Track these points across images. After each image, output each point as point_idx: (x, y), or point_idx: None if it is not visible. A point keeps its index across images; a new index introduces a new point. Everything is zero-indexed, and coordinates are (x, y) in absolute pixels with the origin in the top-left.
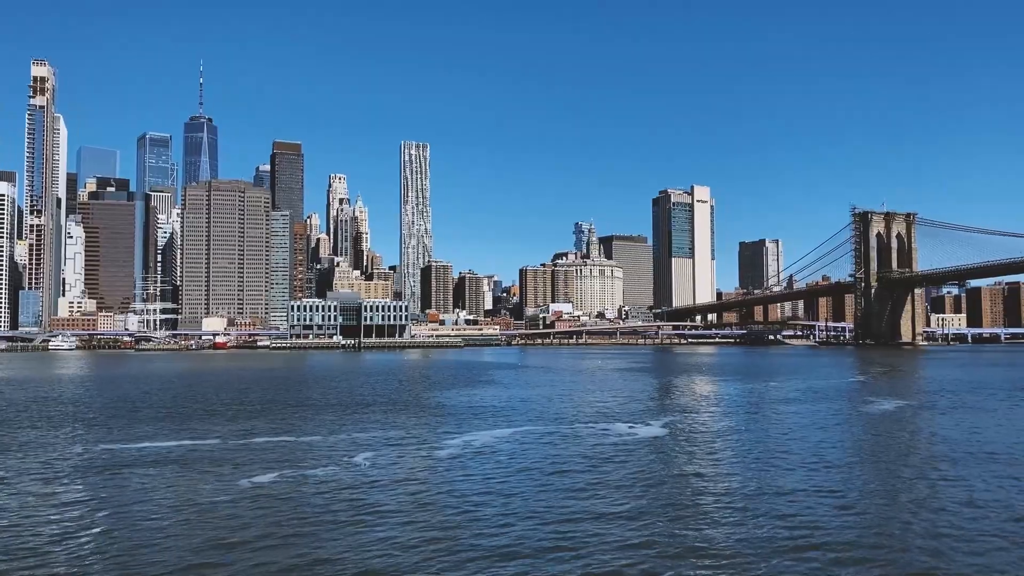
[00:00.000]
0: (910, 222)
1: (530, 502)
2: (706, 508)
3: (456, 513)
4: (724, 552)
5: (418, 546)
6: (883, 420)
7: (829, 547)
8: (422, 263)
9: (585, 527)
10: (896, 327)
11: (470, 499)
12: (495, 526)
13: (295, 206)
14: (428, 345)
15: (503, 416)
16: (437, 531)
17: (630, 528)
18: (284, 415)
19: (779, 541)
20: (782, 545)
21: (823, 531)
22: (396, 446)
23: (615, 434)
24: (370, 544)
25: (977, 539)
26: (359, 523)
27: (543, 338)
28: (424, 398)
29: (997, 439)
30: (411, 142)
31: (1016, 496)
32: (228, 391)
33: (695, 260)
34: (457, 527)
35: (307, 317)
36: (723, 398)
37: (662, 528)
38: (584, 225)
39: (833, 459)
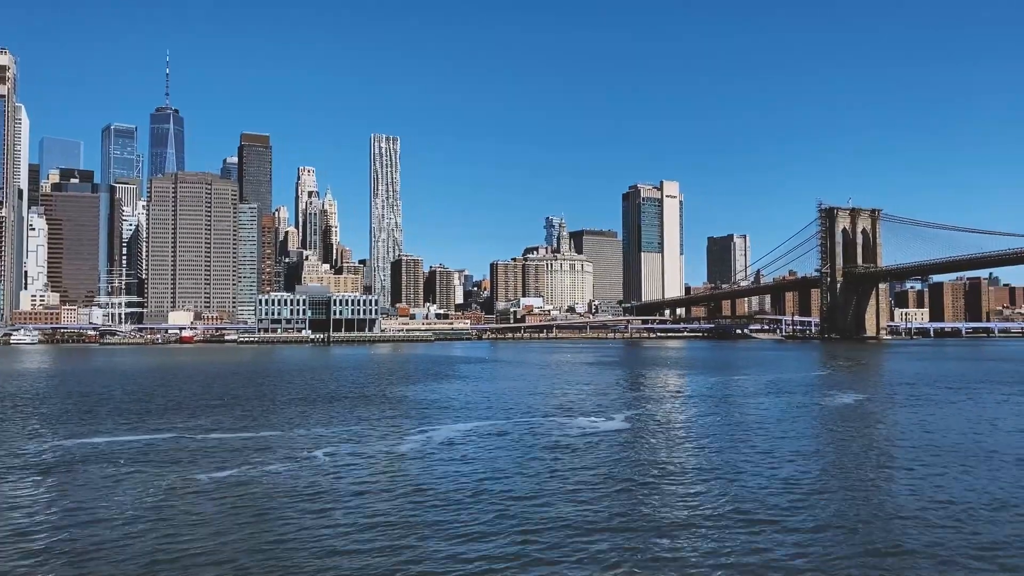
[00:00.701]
0: (875, 218)
1: (488, 496)
2: (663, 501)
3: (413, 508)
4: (681, 546)
5: (373, 540)
6: (843, 413)
7: (785, 538)
8: (392, 257)
9: (543, 522)
10: (861, 321)
11: (427, 493)
12: (452, 522)
13: (263, 199)
14: (398, 339)
15: (466, 411)
16: (393, 526)
17: (590, 523)
18: (246, 410)
19: (735, 532)
20: (739, 537)
21: (780, 522)
22: (357, 441)
23: (577, 428)
24: (325, 540)
25: (929, 529)
26: (315, 519)
27: (514, 332)
28: (389, 393)
29: (952, 432)
30: (381, 135)
31: (963, 486)
32: (192, 385)
33: (664, 255)
34: (414, 522)
35: (275, 311)
36: (687, 391)
37: (619, 522)
38: (555, 220)
39: (792, 452)
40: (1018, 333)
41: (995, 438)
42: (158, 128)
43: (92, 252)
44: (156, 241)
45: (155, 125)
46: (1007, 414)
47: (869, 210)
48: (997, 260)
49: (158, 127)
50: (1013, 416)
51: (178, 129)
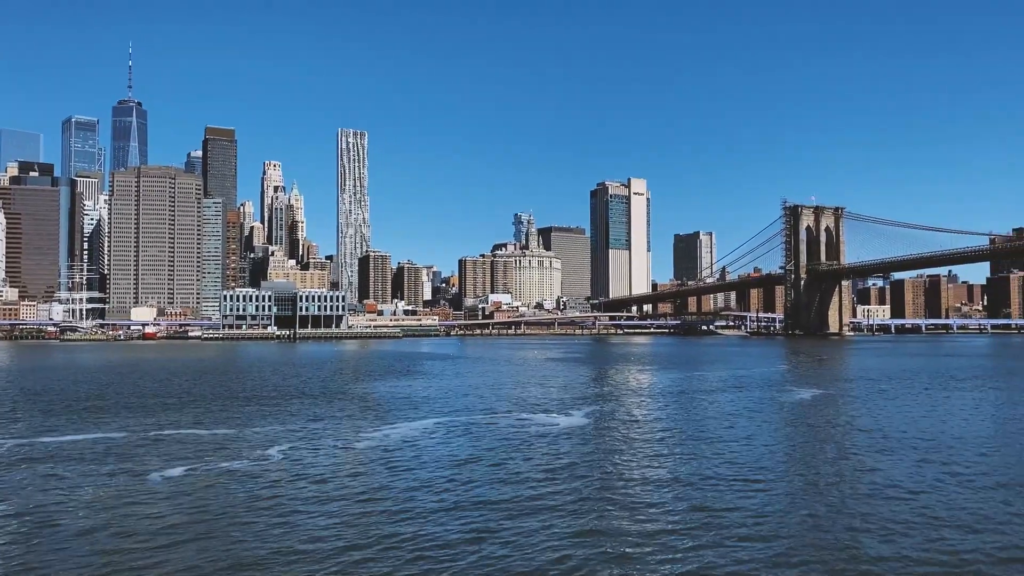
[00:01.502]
0: (838, 216)
1: (439, 493)
2: (615, 497)
3: (364, 505)
4: (634, 541)
5: (325, 539)
6: (802, 408)
7: (740, 531)
8: (360, 253)
9: (498, 518)
10: (824, 318)
11: (379, 490)
12: (404, 518)
13: (228, 193)
14: (366, 336)
15: (426, 408)
16: (343, 524)
17: (542, 517)
18: (204, 407)
19: (689, 526)
20: (689, 531)
21: (733, 516)
22: (314, 438)
23: (536, 424)
24: (276, 538)
25: (885, 522)
26: (266, 517)
27: (482, 328)
28: (352, 389)
29: (905, 425)
30: (348, 130)
31: (916, 479)
32: (150, 383)
33: (631, 252)
34: (363, 519)
35: (240, 307)
36: (649, 387)
37: (570, 517)
38: (523, 216)
39: (749, 445)
40: (975, 329)
41: (944, 431)
42: (120, 121)
43: (52, 247)
44: (118, 236)
45: (117, 118)
46: (957, 408)
47: (832, 208)
48: (956, 258)
49: (120, 120)
50: (963, 410)
51: (141, 122)
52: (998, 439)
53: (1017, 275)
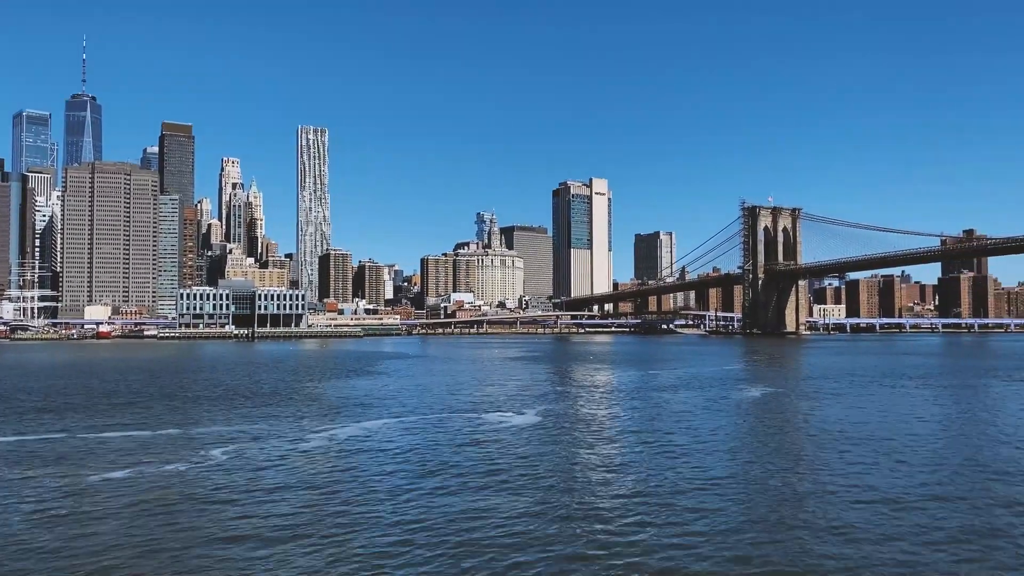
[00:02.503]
0: (795, 217)
1: (385, 494)
2: (566, 497)
3: (304, 507)
4: (580, 540)
5: (261, 541)
6: (756, 405)
7: (687, 527)
8: (320, 251)
9: (445, 520)
10: (781, 317)
11: (320, 491)
12: (345, 521)
13: (185, 190)
14: (326, 335)
15: (380, 407)
16: (281, 526)
17: (491, 518)
18: (151, 407)
19: (638, 526)
20: (642, 530)
21: (686, 515)
22: (260, 439)
23: (490, 423)
24: (213, 542)
25: (833, 518)
26: (204, 519)
27: (444, 327)
28: (305, 389)
29: (858, 423)
30: (309, 127)
31: (865, 475)
32: (101, 382)
33: (593, 251)
34: (305, 521)
35: (197, 306)
36: (606, 385)
37: (514, 516)
38: (486, 215)
39: (701, 442)
40: (927, 329)
41: (893, 427)
42: (74, 116)
43: (2, 244)
44: (72, 233)
45: (71, 112)
46: (907, 405)
47: (790, 209)
48: (909, 259)
49: (74, 114)
50: (910, 407)
51: (95, 117)
52: (947, 435)
53: (967, 275)
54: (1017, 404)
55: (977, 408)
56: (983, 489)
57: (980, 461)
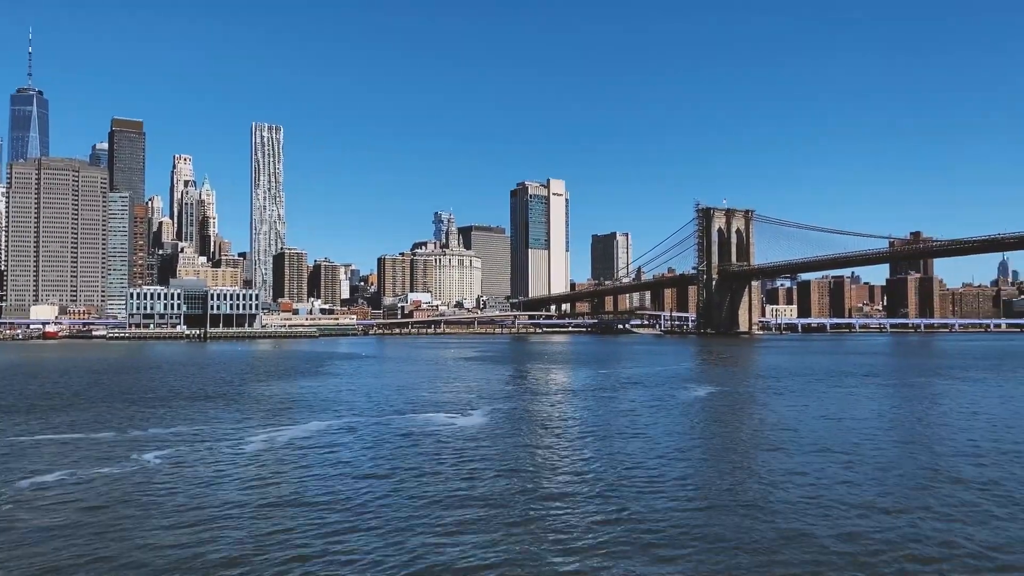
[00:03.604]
0: (748, 218)
1: (322, 497)
2: (514, 497)
3: (235, 511)
4: (534, 539)
5: (189, 545)
6: (707, 404)
7: (631, 527)
8: (275, 250)
9: (387, 524)
10: (735, 317)
11: (255, 497)
12: (278, 526)
13: (135, 187)
14: (281, 335)
15: (328, 408)
16: (211, 530)
17: (434, 521)
18: (91, 409)
19: (584, 527)
20: (588, 532)
21: (627, 512)
22: (198, 442)
23: (439, 423)
24: (142, 550)
25: (780, 516)
26: (133, 525)
27: (401, 328)
28: (252, 390)
29: (807, 421)
30: (263, 124)
31: (807, 473)
32: (40, 383)
33: (550, 251)
34: (237, 527)
35: (148, 305)
36: (558, 385)
37: (464, 522)
38: (444, 215)
39: (650, 443)
40: (876, 328)
41: (836, 425)
42: (19, 110)
43: None
44: (16, 230)
45: (16, 107)
46: (850, 403)
47: (743, 211)
48: (858, 260)
49: (19, 109)
50: (856, 405)
51: (42, 112)
52: (891, 433)
53: (914, 277)
54: (959, 402)
55: (921, 406)
56: (926, 486)
57: (923, 459)
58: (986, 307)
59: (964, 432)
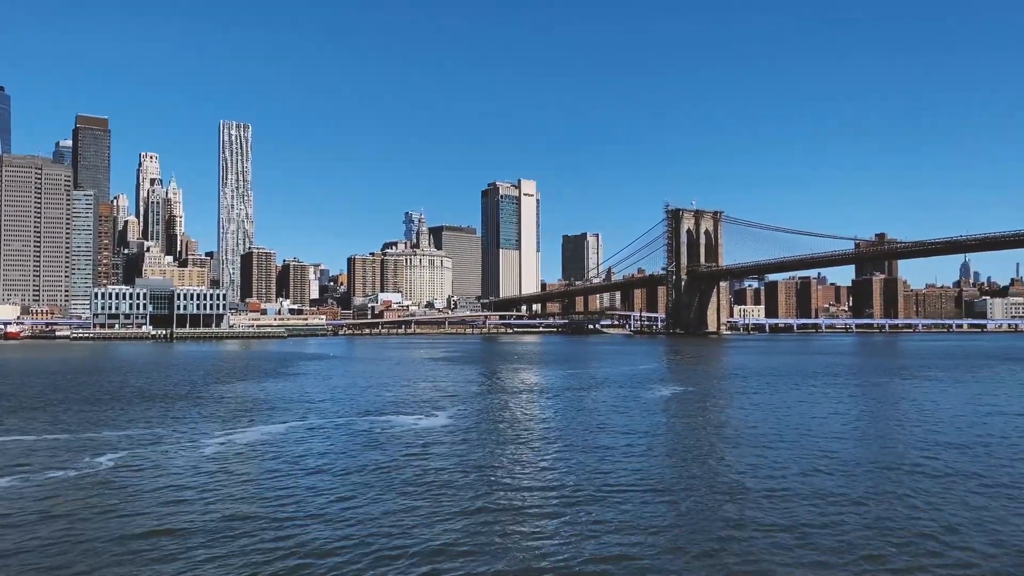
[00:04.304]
0: (717, 220)
1: (281, 501)
2: (460, 498)
3: (190, 515)
4: (479, 544)
5: (137, 551)
6: (674, 404)
7: (593, 528)
8: (242, 250)
9: (334, 525)
10: (703, 317)
11: (211, 501)
12: (231, 532)
13: (100, 186)
14: (248, 336)
15: (289, 410)
16: (163, 534)
17: (377, 522)
18: (48, 410)
19: (547, 527)
20: (552, 533)
21: (591, 513)
22: (155, 444)
23: (397, 426)
24: (92, 555)
25: (746, 515)
26: (83, 530)
27: (371, 328)
28: (215, 391)
29: (772, 420)
30: (231, 121)
31: (771, 474)
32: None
33: (521, 252)
34: (191, 531)
35: (113, 305)
36: (527, 385)
37: (410, 519)
38: (414, 215)
39: (617, 443)
40: (842, 329)
41: (800, 424)
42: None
43: None
44: None
45: None
46: (815, 402)
47: (712, 212)
48: (825, 261)
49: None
50: (820, 404)
51: (3, 108)
52: (855, 431)
53: (879, 277)
54: (922, 401)
55: (884, 405)
56: (890, 484)
57: (886, 457)
58: (948, 308)
59: (925, 429)
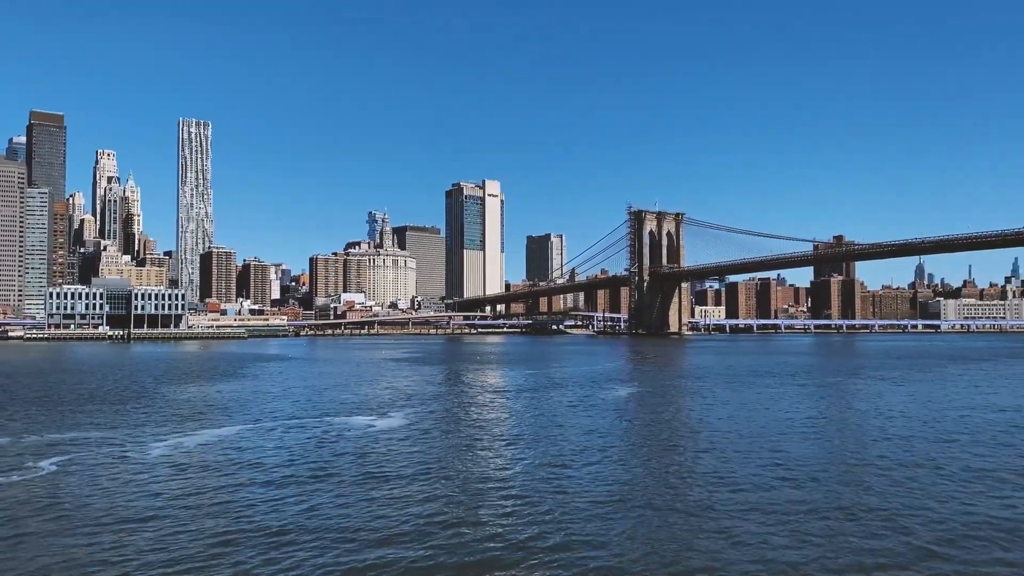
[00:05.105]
0: (679, 221)
1: (224, 507)
2: (411, 502)
3: (137, 521)
4: (430, 549)
5: (77, 556)
6: (633, 404)
7: (545, 529)
8: (202, 249)
9: (279, 526)
10: (665, 318)
11: (153, 506)
12: (174, 539)
13: (56, 183)
14: (208, 336)
15: (242, 412)
16: (108, 541)
17: (327, 526)
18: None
19: (488, 529)
20: (506, 536)
21: (545, 516)
22: (100, 446)
23: (351, 428)
24: (31, 562)
25: (702, 518)
26: (21, 537)
27: (334, 329)
28: (168, 393)
29: (730, 420)
30: (190, 119)
31: (727, 471)
32: None
33: (486, 252)
34: (134, 534)
35: (68, 305)
36: (487, 386)
37: (356, 522)
38: (378, 215)
39: (574, 444)
40: (800, 329)
41: (757, 423)
42: None
43: None
44: None
45: None
46: (770, 401)
47: (674, 214)
48: (784, 262)
49: None
50: (774, 404)
51: None
52: (811, 431)
53: (837, 279)
54: (878, 401)
55: (840, 404)
56: (846, 484)
57: (842, 456)
58: (904, 308)
59: (880, 426)
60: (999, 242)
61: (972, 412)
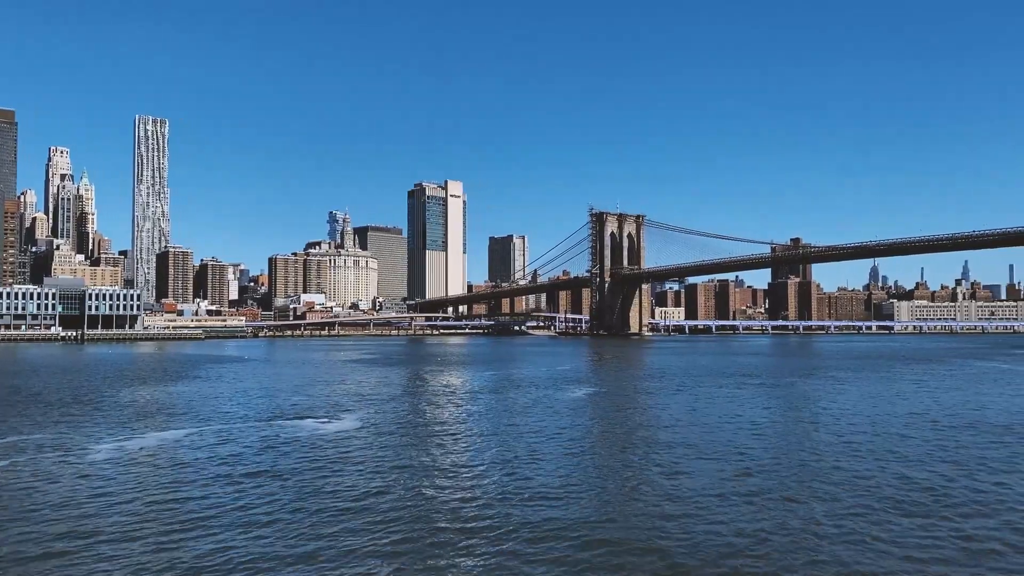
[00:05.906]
0: (639, 223)
1: (171, 510)
2: (356, 504)
3: (75, 526)
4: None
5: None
6: (591, 404)
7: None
8: (158, 249)
9: (226, 530)
10: (626, 319)
11: (95, 512)
12: (121, 541)
13: (6, 181)
14: (164, 337)
15: (190, 415)
16: (40, 548)
17: (273, 531)
18: None
19: (445, 532)
20: (450, 538)
21: (501, 517)
22: (40, 450)
23: (305, 429)
24: None
25: (657, 517)
26: None
27: (293, 330)
28: (115, 395)
29: (686, 420)
30: (147, 116)
31: (695, 472)
32: None
33: (448, 253)
34: (72, 539)
35: (19, 306)
36: (446, 387)
37: (302, 524)
38: (339, 214)
39: (531, 445)
40: (758, 330)
41: (712, 423)
42: None
43: None
44: None
45: None
46: (728, 401)
47: (635, 216)
48: (742, 264)
49: None
50: (732, 404)
51: None
52: (766, 431)
53: (794, 281)
54: (830, 400)
55: (795, 403)
56: (800, 481)
57: (797, 455)
58: (859, 310)
59: (828, 422)
60: (950, 245)
61: (918, 411)
